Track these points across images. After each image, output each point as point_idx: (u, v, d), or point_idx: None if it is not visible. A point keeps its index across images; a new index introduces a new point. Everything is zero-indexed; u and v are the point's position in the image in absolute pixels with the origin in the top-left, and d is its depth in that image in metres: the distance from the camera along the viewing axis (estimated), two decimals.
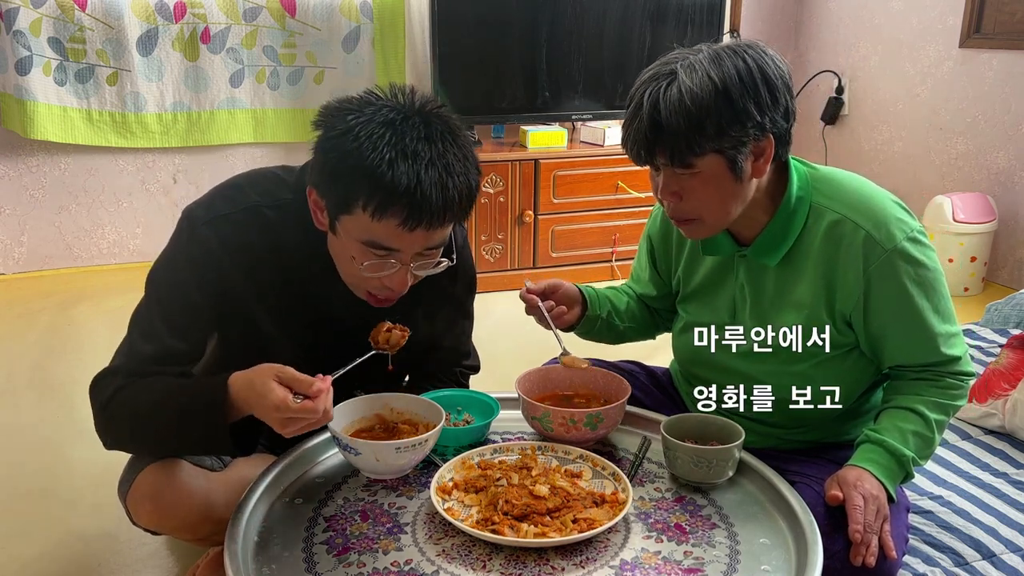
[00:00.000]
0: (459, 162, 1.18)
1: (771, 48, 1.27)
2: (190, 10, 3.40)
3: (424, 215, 1.14)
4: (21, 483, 2.01)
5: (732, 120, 1.21)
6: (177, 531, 1.37)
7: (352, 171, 1.13)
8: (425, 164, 1.13)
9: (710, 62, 1.22)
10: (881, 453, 1.30)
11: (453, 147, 1.18)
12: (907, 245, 1.29)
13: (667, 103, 1.21)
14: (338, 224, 1.21)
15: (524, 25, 3.53)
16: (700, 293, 1.49)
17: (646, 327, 1.66)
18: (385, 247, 1.19)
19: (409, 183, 1.12)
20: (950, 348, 1.34)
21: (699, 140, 1.22)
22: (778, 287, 1.37)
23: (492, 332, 3.10)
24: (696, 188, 1.28)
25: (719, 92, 1.20)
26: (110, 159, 3.57)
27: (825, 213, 1.32)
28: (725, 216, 1.32)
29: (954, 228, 3.38)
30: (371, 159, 1.12)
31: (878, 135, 4.08)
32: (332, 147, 1.16)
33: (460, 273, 1.46)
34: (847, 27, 4.17)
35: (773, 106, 1.24)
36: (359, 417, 1.36)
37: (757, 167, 1.27)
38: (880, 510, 1.24)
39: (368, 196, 1.13)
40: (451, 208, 1.17)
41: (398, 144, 1.13)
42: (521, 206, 3.47)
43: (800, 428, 1.46)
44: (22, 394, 2.49)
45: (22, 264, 3.58)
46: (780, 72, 1.25)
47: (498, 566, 1.11)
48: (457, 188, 1.16)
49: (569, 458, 1.34)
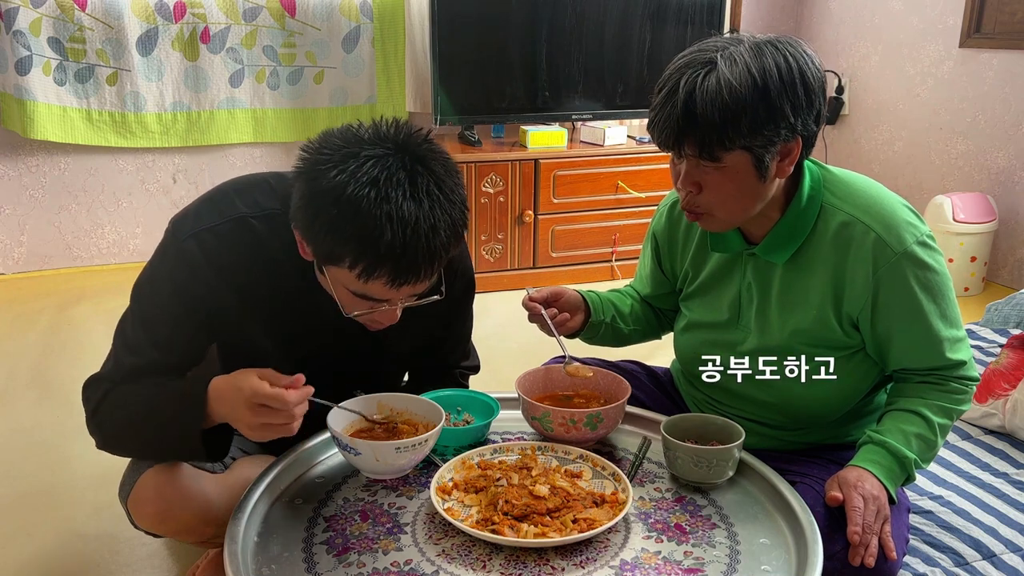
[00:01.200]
0: (445, 213, 1.13)
1: (809, 47, 1.25)
2: (190, 10, 3.40)
3: (411, 274, 1.13)
4: (21, 483, 2.01)
5: (767, 119, 1.19)
6: (178, 534, 1.37)
7: (338, 234, 1.11)
8: (412, 227, 1.09)
9: (751, 55, 1.19)
10: (883, 454, 1.29)
11: (440, 197, 1.13)
12: (917, 249, 1.29)
13: (704, 93, 1.18)
14: (325, 270, 1.20)
15: (524, 25, 3.53)
16: (705, 290, 1.49)
17: (651, 329, 1.65)
18: (374, 299, 1.19)
19: (394, 249, 1.10)
20: (955, 353, 1.33)
21: (731, 135, 1.20)
22: (785, 286, 1.37)
23: (492, 332, 3.10)
24: (719, 182, 1.26)
25: (758, 89, 1.18)
26: (110, 159, 3.57)
27: (836, 214, 1.32)
28: (741, 213, 1.31)
29: (954, 228, 3.38)
30: (356, 225, 1.09)
31: (878, 135, 4.08)
32: (318, 206, 1.11)
33: (459, 274, 1.46)
34: (847, 27, 4.17)
35: (808, 108, 1.22)
36: (359, 417, 1.36)
37: (782, 167, 1.26)
38: (880, 511, 1.24)
39: (354, 259, 1.12)
40: (437, 260, 1.15)
41: (384, 206, 1.09)
42: (521, 206, 3.47)
43: (801, 429, 1.46)
44: (22, 394, 2.49)
45: (22, 264, 3.58)
46: (818, 74, 1.23)
47: (498, 566, 1.11)
48: (442, 242, 1.13)
49: (569, 458, 1.33)
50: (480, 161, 3.37)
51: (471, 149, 3.49)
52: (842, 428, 1.46)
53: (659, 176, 3.59)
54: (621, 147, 3.60)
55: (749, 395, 1.43)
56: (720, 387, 1.48)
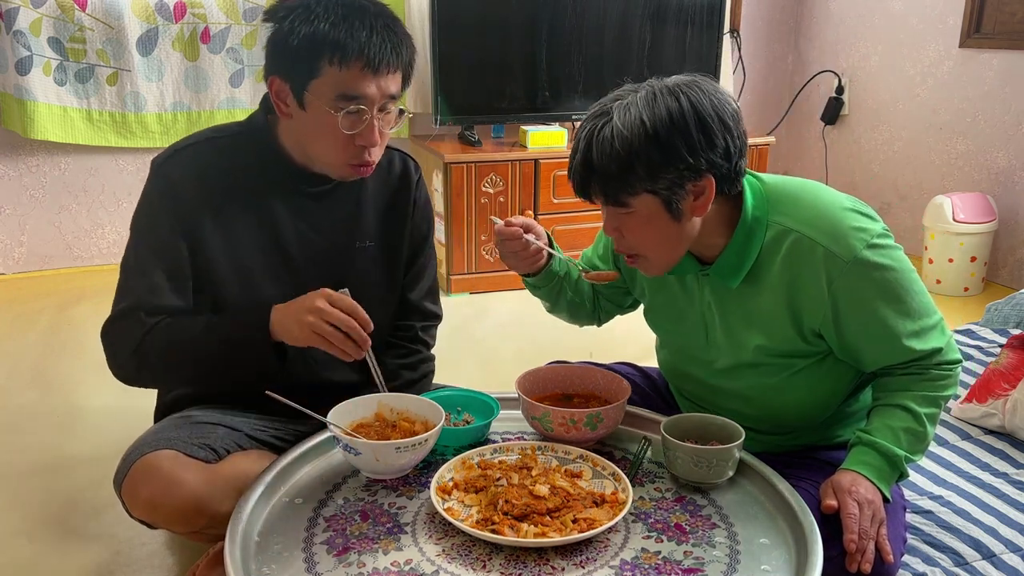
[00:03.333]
0: (394, 20, 1.39)
1: (716, 85, 1.25)
2: (190, 10, 3.40)
3: (379, 56, 1.34)
4: (21, 483, 2.01)
5: (662, 162, 1.21)
6: (171, 522, 1.37)
7: (314, 39, 1.32)
8: (371, 18, 1.34)
9: (644, 103, 1.22)
10: (873, 455, 1.29)
11: (384, 7, 1.39)
12: (867, 254, 1.27)
13: (599, 144, 1.22)
14: (307, 94, 1.35)
15: (524, 25, 3.53)
16: (668, 310, 1.48)
17: (587, 310, 1.64)
18: (353, 95, 1.34)
19: (363, 33, 1.33)
20: (927, 343, 1.32)
21: (630, 181, 1.22)
22: (743, 307, 1.36)
23: (492, 332, 3.10)
24: (635, 226, 1.28)
25: (648, 135, 1.19)
26: (110, 159, 3.57)
27: (781, 231, 1.31)
28: (669, 254, 1.31)
29: (954, 228, 3.38)
30: (329, 25, 1.32)
31: (878, 135, 4.08)
32: (290, 30, 1.33)
33: (425, 216, 1.65)
34: (847, 27, 4.17)
35: (708, 147, 1.21)
36: (359, 417, 1.36)
37: (697, 206, 1.26)
38: (876, 515, 1.24)
39: (332, 52, 1.32)
40: (398, 51, 1.37)
41: (343, 4, 1.34)
42: (521, 206, 3.47)
43: (790, 434, 1.47)
44: (22, 394, 2.49)
45: (22, 264, 3.58)
46: (719, 110, 1.22)
47: (498, 566, 1.11)
48: (399, 36, 1.38)
49: (569, 458, 1.34)
50: (480, 161, 3.37)
51: (471, 149, 3.49)
52: (831, 430, 1.47)
53: None
54: None
55: (733, 408, 1.43)
56: (704, 399, 1.50)
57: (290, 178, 1.47)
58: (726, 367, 1.41)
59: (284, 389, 1.32)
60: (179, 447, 1.37)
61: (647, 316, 1.55)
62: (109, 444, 2.12)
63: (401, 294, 1.65)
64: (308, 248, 1.50)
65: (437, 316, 1.72)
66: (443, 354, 1.75)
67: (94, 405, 2.40)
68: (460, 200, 3.39)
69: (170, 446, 1.37)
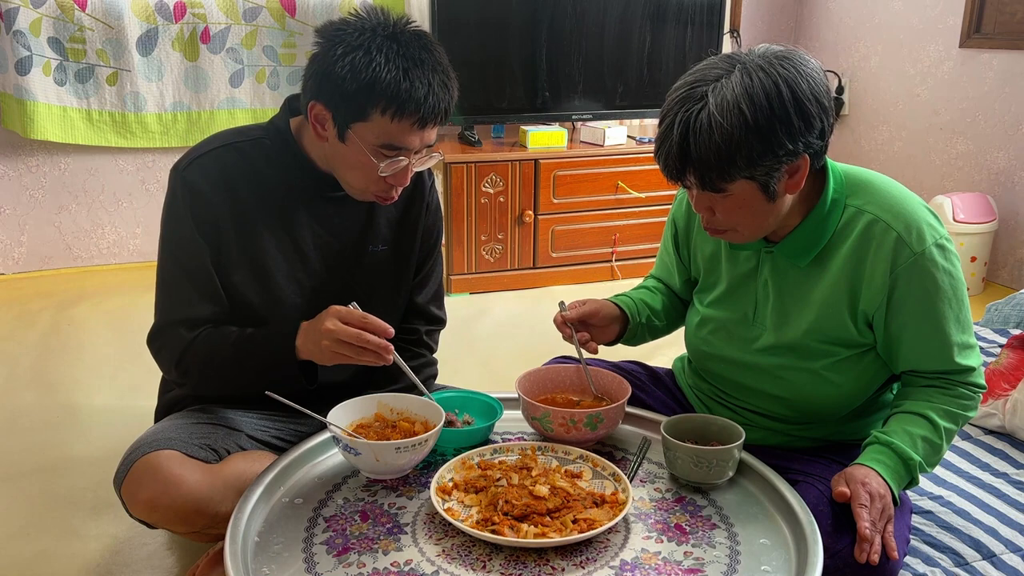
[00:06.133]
0: (449, 68, 1.39)
1: (808, 58, 1.23)
2: (190, 10, 3.40)
3: (432, 115, 1.34)
4: (20, 483, 2.00)
5: (763, 151, 1.19)
6: (171, 522, 1.38)
7: (373, 87, 1.29)
8: (430, 74, 1.33)
9: (741, 87, 1.18)
10: (889, 455, 1.29)
11: (442, 56, 1.38)
12: (935, 250, 1.29)
13: (697, 135, 1.19)
14: (350, 131, 1.34)
15: (524, 25, 3.53)
16: (720, 285, 1.48)
17: (682, 319, 1.65)
18: (398, 147, 1.34)
19: (423, 91, 1.31)
20: (965, 358, 1.33)
21: (729, 170, 1.21)
22: (803, 285, 1.37)
23: (492, 332, 3.10)
24: (729, 207, 1.27)
25: (749, 128, 1.17)
26: (110, 159, 3.57)
27: (858, 214, 1.32)
28: (761, 229, 1.32)
29: (954, 228, 3.38)
30: (391, 76, 1.29)
31: (878, 135, 4.08)
32: (345, 64, 1.30)
33: (436, 221, 1.66)
34: (847, 27, 4.17)
35: (807, 129, 1.21)
36: (359, 417, 1.36)
37: (791, 184, 1.26)
38: (885, 510, 1.24)
39: (387, 105, 1.30)
40: (449, 108, 1.37)
41: (406, 55, 1.31)
42: (521, 206, 3.47)
43: (808, 424, 1.46)
44: (22, 394, 2.49)
45: (22, 264, 3.58)
46: (816, 90, 1.21)
47: (498, 566, 1.11)
48: (451, 92, 1.37)
49: (569, 458, 1.34)
50: (480, 161, 3.37)
51: (471, 149, 3.49)
52: (848, 425, 1.46)
53: (659, 176, 3.55)
54: (621, 147, 3.60)
55: (760, 389, 1.43)
56: (730, 380, 1.48)
57: (312, 184, 1.47)
58: (766, 346, 1.40)
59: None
60: (179, 447, 1.37)
61: (696, 295, 1.56)
62: (109, 444, 2.12)
63: (408, 297, 1.65)
64: (325, 251, 1.51)
65: (442, 320, 1.72)
66: (443, 354, 1.75)
67: (94, 405, 2.40)
68: (460, 200, 3.39)
69: (170, 446, 1.37)
